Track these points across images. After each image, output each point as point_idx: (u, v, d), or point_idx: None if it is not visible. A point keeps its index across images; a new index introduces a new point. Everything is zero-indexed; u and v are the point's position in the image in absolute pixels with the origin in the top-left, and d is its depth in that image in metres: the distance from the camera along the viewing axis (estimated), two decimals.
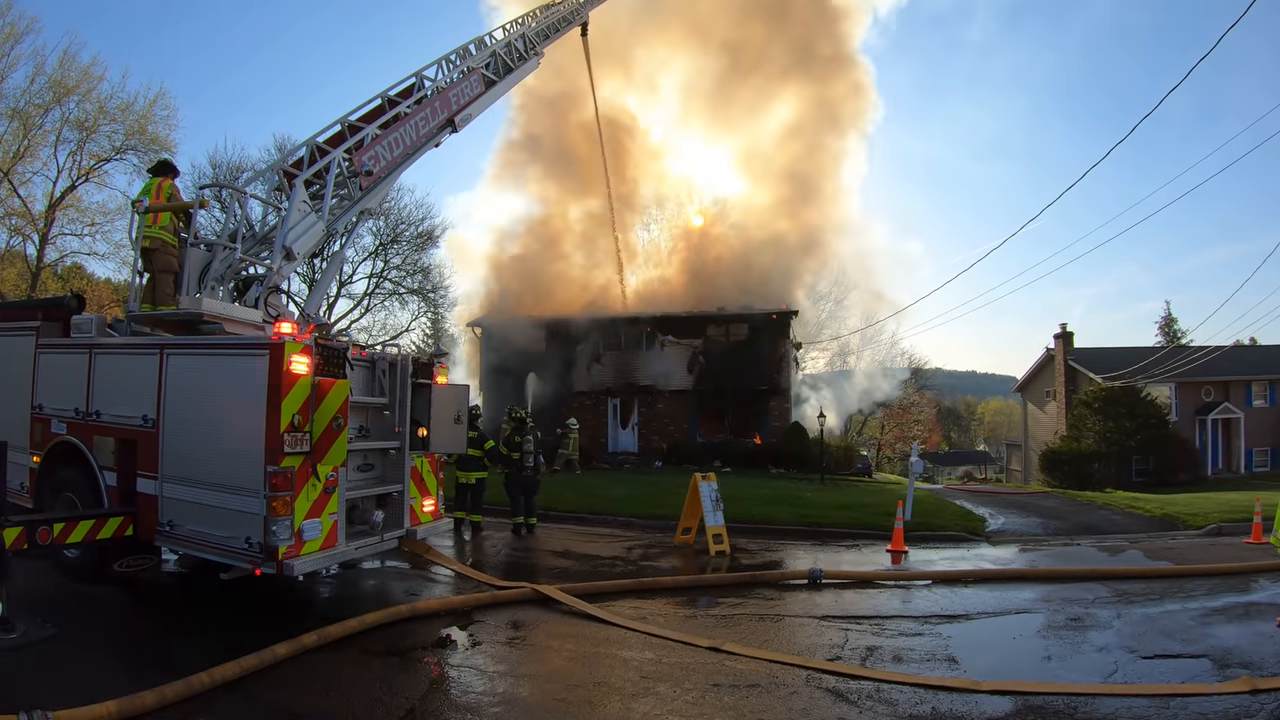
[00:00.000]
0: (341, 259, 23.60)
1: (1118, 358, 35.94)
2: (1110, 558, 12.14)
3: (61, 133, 29.40)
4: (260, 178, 13.06)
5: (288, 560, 6.77)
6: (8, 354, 9.24)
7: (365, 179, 10.63)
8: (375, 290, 35.98)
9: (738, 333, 30.17)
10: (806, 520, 15.11)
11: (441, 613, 7.75)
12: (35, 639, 6.19)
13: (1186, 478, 31.38)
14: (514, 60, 14.66)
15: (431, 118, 11.94)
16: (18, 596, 6.35)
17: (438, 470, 9.41)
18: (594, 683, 6.02)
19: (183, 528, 7.34)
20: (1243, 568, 10.51)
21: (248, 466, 6.86)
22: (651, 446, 30.01)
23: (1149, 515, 17.42)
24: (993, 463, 69.27)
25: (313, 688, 5.70)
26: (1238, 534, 13.92)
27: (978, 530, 14.95)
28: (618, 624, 7.47)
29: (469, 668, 6.42)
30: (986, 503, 21.25)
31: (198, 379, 7.46)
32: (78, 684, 5.31)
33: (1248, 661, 6.45)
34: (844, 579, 9.97)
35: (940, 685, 5.88)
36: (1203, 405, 35.49)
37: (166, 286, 8.67)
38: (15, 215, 29.55)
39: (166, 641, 6.64)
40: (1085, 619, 8.02)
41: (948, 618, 8.21)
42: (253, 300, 9.18)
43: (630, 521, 14.84)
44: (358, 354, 8.30)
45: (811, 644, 7.20)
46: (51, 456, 8.56)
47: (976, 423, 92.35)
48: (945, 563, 11.49)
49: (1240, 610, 8.41)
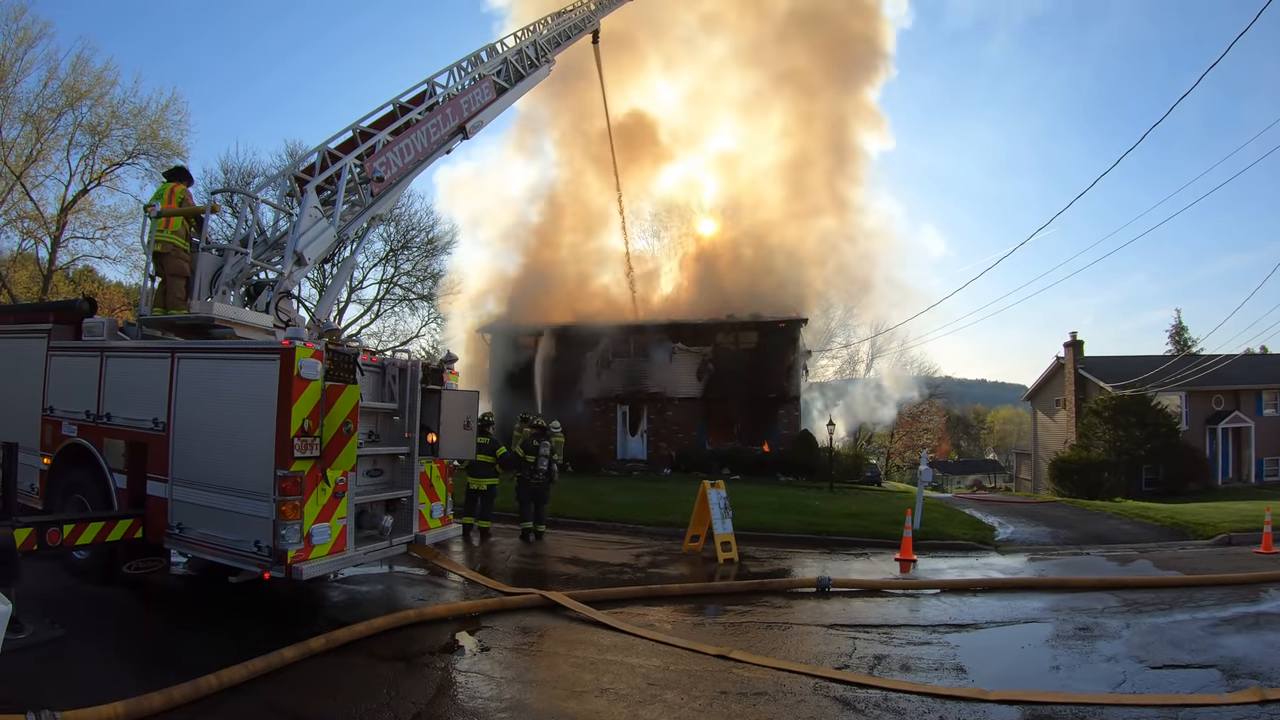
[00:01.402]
0: (352, 264, 23.78)
1: (1128, 366, 35.80)
2: (1119, 567, 12.07)
3: (74, 137, 29.54)
4: (272, 183, 13.12)
5: (296, 564, 6.80)
6: (19, 356, 9.30)
7: (376, 185, 10.66)
8: (385, 296, 36.06)
9: (747, 340, 30.17)
10: (815, 528, 15.07)
11: (449, 618, 7.75)
12: (44, 639, 6.22)
13: (1197, 487, 31.18)
14: (525, 68, 14.70)
15: (443, 124, 11.98)
16: (27, 597, 6.38)
17: (447, 476, 9.44)
18: (601, 689, 6.01)
19: (192, 531, 7.38)
20: (1253, 578, 10.44)
21: (257, 470, 6.90)
22: (660, 454, 30.01)
23: (1158, 524, 17.31)
24: (1002, 471, 69.06)
25: (320, 691, 5.72)
26: (1248, 544, 13.83)
27: (987, 539, 14.89)
28: (625, 631, 7.46)
29: (476, 673, 6.43)
30: (996, 512, 21.13)
31: (208, 383, 7.50)
32: (86, 685, 5.33)
33: (1257, 672, 6.40)
34: (852, 587, 9.94)
35: (948, 694, 5.85)
36: (1213, 414, 35.28)
37: (178, 291, 8.71)
38: (27, 218, 29.75)
39: (174, 643, 6.67)
40: (1094, 629, 7.97)
41: (956, 627, 8.17)
42: (264, 305, 9.22)
43: (638, 529, 14.85)
44: (368, 359, 8.34)
45: (819, 652, 7.17)
46: (62, 458, 8.61)
47: (986, 431, 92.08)
48: (954, 571, 11.44)
49: (1250, 620, 8.35)
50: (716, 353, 30.18)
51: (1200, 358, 34.37)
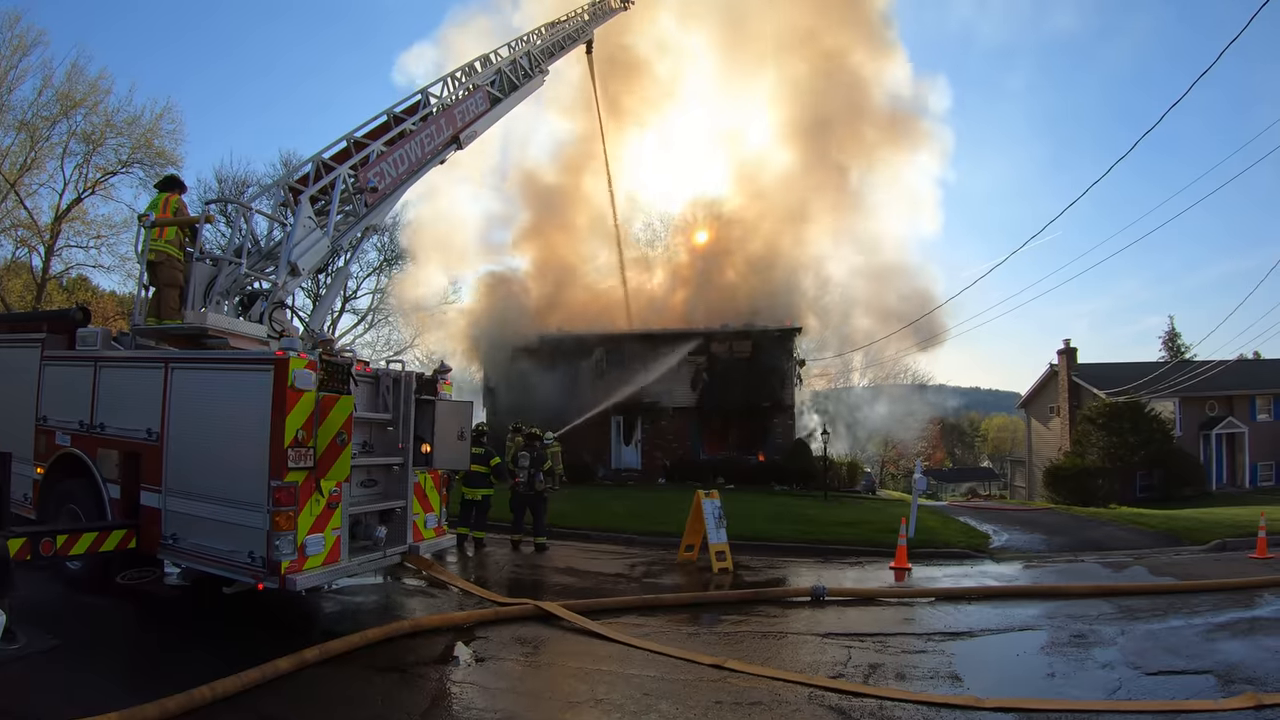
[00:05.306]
0: (346, 275, 23.65)
1: (1122, 373, 35.92)
2: (1114, 574, 12.09)
3: (68, 145, 29.66)
4: (266, 193, 13.14)
5: (290, 575, 6.78)
6: (13, 366, 9.28)
7: (370, 195, 10.68)
8: (379, 306, 36.07)
9: (741, 350, 30.11)
10: (809, 537, 15.08)
11: (444, 628, 7.71)
12: (37, 650, 6.19)
13: (1191, 493, 31.26)
14: (519, 78, 14.75)
15: (437, 135, 12.01)
16: (20, 607, 6.35)
17: (441, 486, 9.42)
18: (596, 700, 5.99)
19: (186, 541, 7.35)
20: (1247, 583, 10.47)
21: (251, 481, 6.88)
22: (655, 463, 29.97)
23: (1153, 531, 17.36)
24: (997, 479, 69.02)
25: (314, 702, 5.70)
26: (1242, 549, 13.87)
27: (981, 547, 14.90)
28: (620, 641, 7.43)
29: (471, 684, 6.41)
30: (990, 519, 21.16)
31: (202, 393, 7.49)
32: (78, 695, 5.29)
33: (1252, 677, 6.41)
34: (847, 596, 9.94)
35: (943, 703, 5.85)
36: (1207, 420, 35.43)
37: (172, 301, 8.71)
38: (21, 227, 29.75)
39: (168, 654, 6.63)
40: (1089, 635, 7.98)
41: (951, 635, 8.17)
42: (257, 315, 9.22)
43: (633, 538, 14.82)
44: (361, 369, 8.33)
45: (814, 661, 7.16)
46: (55, 468, 8.59)
47: (980, 439, 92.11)
48: (949, 580, 11.45)
49: (1245, 626, 8.37)
50: (711, 362, 30.15)
51: (1194, 364, 34.53)
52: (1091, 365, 39.57)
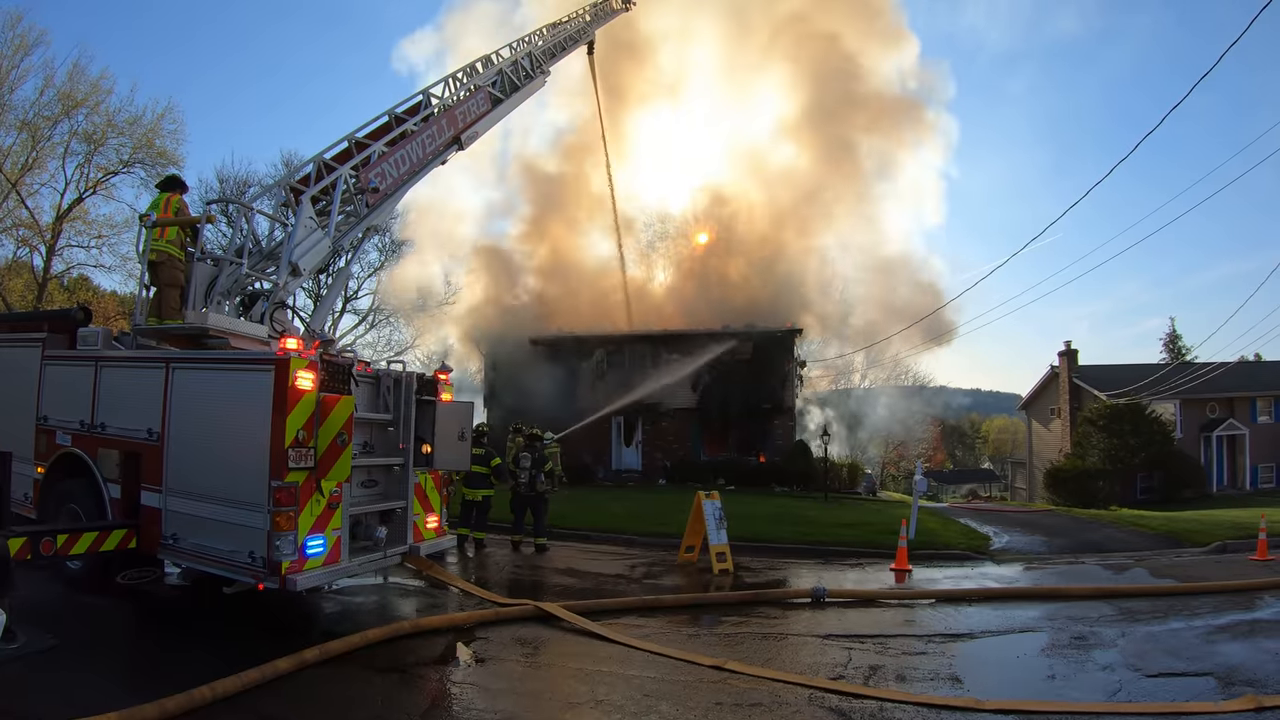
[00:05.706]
0: (347, 275, 23.77)
1: (1122, 375, 35.87)
2: (1115, 575, 12.07)
3: (70, 145, 29.62)
4: (267, 193, 13.15)
5: (291, 575, 6.78)
6: (13, 365, 9.29)
7: (372, 196, 10.69)
8: (380, 306, 36.04)
9: (742, 351, 30.04)
10: (810, 539, 15.07)
11: (444, 629, 7.71)
12: (36, 649, 6.19)
13: (1191, 495, 31.26)
14: (520, 79, 14.77)
15: (438, 135, 12.02)
16: (19, 607, 6.35)
17: (441, 487, 9.42)
18: (596, 701, 5.99)
19: (186, 541, 7.35)
20: (1248, 585, 10.46)
21: (252, 481, 6.88)
22: (655, 464, 29.97)
23: (1153, 532, 17.33)
24: (997, 481, 68.91)
25: (314, 703, 5.70)
26: (1243, 551, 13.86)
27: (982, 548, 14.89)
28: (620, 642, 7.43)
29: (471, 684, 6.41)
30: (991, 521, 21.13)
31: (203, 393, 7.50)
32: (78, 695, 5.28)
33: (1253, 679, 6.40)
34: (847, 598, 9.93)
35: (943, 704, 5.85)
36: (1208, 422, 35.40)
37: (173, 300, 8.71)
38: (23, 226, 29.76)
39: (168, 654, 6.62)
40: (1089, 637, 7.97)
41: (951, 637, 8.17)
42: (258, 315, 9.22)
43: (633, 539, 14.82)
44: (362, 370, 8.33)
45: (815, 663, 7.16)
46: (56, 468, 8.60)
47: (981, 441, 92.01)
48: (949, 581, 11.43)
49: (1245, 628, 8.36)
50: (711, 363, 30.11)
51: (1194, 366, 34.50)
52: (1092, 367, 39.53)
